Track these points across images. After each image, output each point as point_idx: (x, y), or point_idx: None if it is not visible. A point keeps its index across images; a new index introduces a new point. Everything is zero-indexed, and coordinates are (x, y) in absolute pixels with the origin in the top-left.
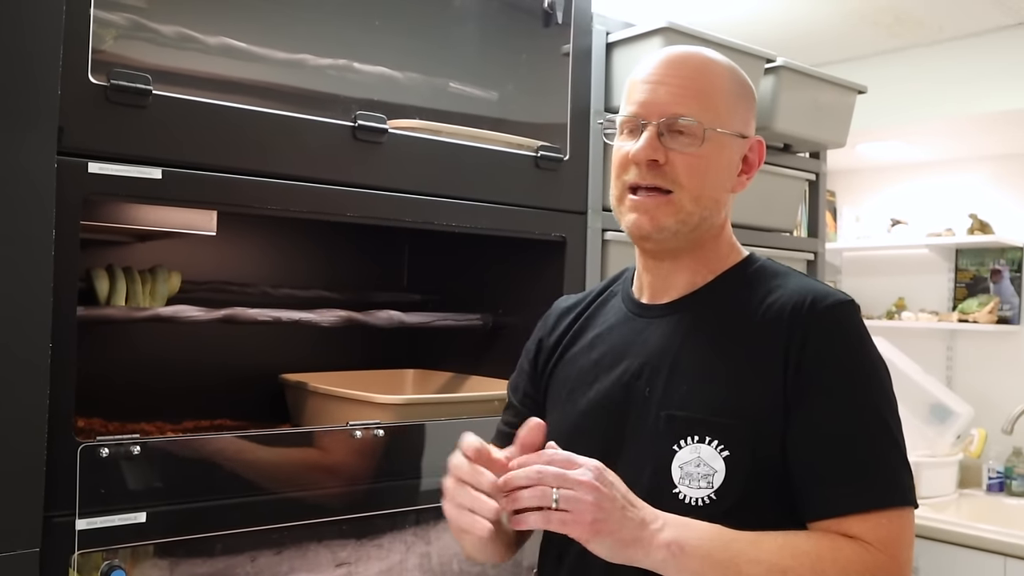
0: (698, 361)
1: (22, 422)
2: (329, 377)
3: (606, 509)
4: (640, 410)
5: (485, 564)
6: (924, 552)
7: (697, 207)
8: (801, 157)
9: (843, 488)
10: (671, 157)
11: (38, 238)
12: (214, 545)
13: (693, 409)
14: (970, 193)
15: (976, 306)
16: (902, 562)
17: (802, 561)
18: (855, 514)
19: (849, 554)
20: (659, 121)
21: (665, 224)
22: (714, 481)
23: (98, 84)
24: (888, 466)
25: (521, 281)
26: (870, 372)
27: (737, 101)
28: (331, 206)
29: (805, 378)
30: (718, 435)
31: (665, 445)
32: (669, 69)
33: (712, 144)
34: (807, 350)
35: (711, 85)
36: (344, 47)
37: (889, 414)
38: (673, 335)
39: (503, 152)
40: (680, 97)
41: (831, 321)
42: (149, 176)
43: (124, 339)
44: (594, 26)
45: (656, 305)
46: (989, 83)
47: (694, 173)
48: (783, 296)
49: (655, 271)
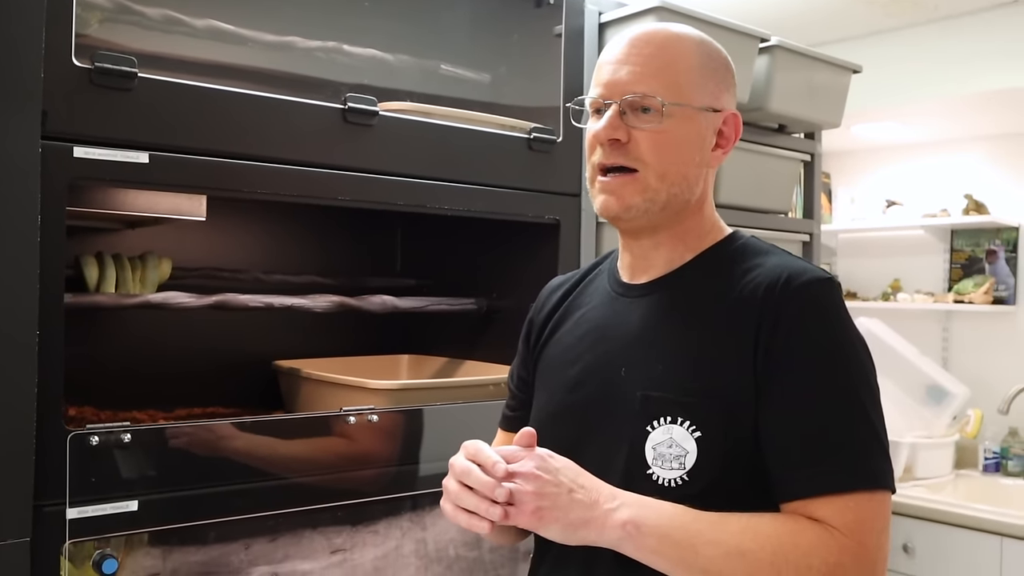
0: (674, 341)
1: (10, 410)
2: (322, 363)
3: (549, 495)
4: (617, 390)
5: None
6: (920, 532)
7: (663, 183)
8: (796, 138)
9: (808, 469)
10: (634, 135)
11: (23, 223)
12: (207, 533)
13: (666, 389)
14: (965, 173)
15: (972, 287)
16: (870, 547)
17: (762, 544)
18: (821, 496)
19: (812, 538)
20: (621, 100)
21: (632, 203)
22: (686, 462)
23: (82, 67)
24: (859, 448)
25: (515, 264)
26: (846, 351)
27: (704, 74)
28: (322, 190)
29: (776, 357)
30: (690, 416)
31: (639, 425)
32: (632, 48)
33: (676, 119)
34: (779, 328)
35: (674, 60)
36: (334, 29)
37: (865, 395)
38: (651, 315)
39: (496, 134)
40: (640, 75)
41: (804, 299)
42: (136, 160)
43: (115, 327)
44: (586, 6)
45: (636, 285)
46: (985, 62)
47: (657, 149)
48: (760, 274)
49: (634, 250)
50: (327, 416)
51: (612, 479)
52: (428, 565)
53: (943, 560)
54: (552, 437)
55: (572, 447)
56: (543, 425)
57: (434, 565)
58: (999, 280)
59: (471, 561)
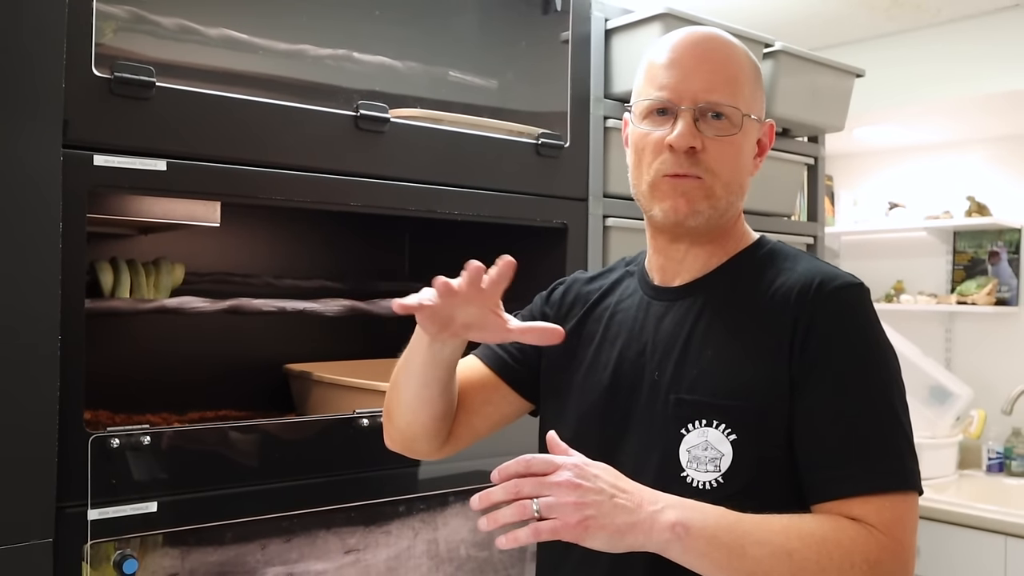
0: (707, 344)
1: (34, 414)
2: (333, 367)
3: (592, 504)
4: (650, 394)
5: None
6: (925, 532)
7: (726, 192)
8: (800, 141)
9: (847, 470)
10: (705, 144)
11: (45, 231)
12: (224, 533)
13: (701, 393)
14: (968, 175)
15: (974, 288)
16: (906, 546)
17: (807, 543)
18: (859, 496)
19: (854, 535)
20: (695, 107)
21: (699, 209)
22: (721, 465)
23: (102, 77)
24: (893, 449)
25: (523, 268)
26: (877, 355)
27: (758, 84)
28: (334, 196)
29: (810, 360)
30: (725, 419)
31: (673, 429)
32: (697, 52)
33: (743, 130)
34: (813, 332)
35: (740, 70)
36: (344, 37)
37: (896, 398)
38: (684, 319)
39: (504, 140)
40: (714, 84)
41: (838, 303)
42: (154, 168)
43: (128, 331)
44: (593, 13)
45: (669, 288)
46: (986, 65)
47: (726, 159)
48: (791, 278)
49: (670, 254)
50: (341, 418)
51: (644, 482)
52: (439, 565)
53: (947, 560)
54: (584, 440)
55: (605, 451)
56: (574, 427)
57: (445, 565)
58: (1002, 281)
59: (481, 561)
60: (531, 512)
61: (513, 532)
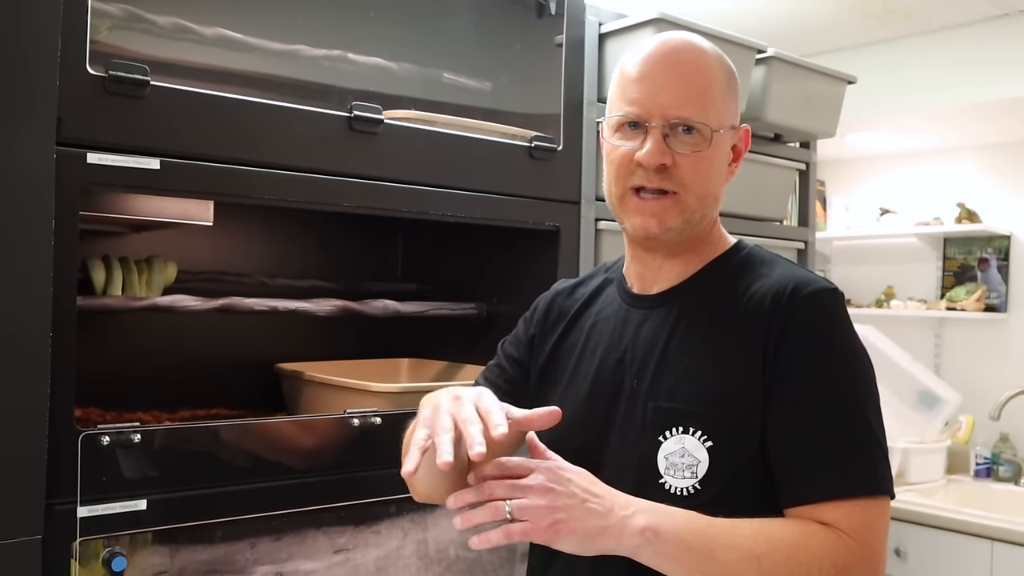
0: (684, 352)
1: (24, 410)
2: (324, 366)
3: (564, 507)
4: (629, 401)
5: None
6: (912, 536)
7: (700, 205)
8: (791, 147)
9: (818, 475)
10: (677, 159)
11: (38, 228)
12: (214, 532)
13: (678, 400)
14: (958, 182)
15: (964, 294)
16: (875, 550)
17: (776, 547)
18: (829, 501)
19: (823, 540)
20: (665, 123)
21: (671, 225)
22: (698, 471)
23: (96, 75)
24: (863, 454)
25: (515, 270)
26: (850, 361)
27: (730, 93)
28: (327, 196)
29: (783, 365)
30: (701, 426)
31: (651, 436)
32: (667, 65)
33: (714, 143)
34: (785, 337)
35: (710, 83)
36: (339, 38)
37: (868, 403)
38: (662, 327)
39: (497, 142)
40: (684, 98)
41: (810, 309)
42: (147, 167)
43: (120, 329)
44: (587, 17)
45: (647, 296)
46: (978, 73)
47: (699, 173)
48: (766, 284)
49: (647, 262)
50: (332, 418)
51: (623, 488)
52: (428, 565)
53: (935, 564)
54: (565, 446)
55: (584, 456)
56: (556, 434)
57: (434, 565)
58: (991, 288)
59: (470, 562)
60: (503, 514)
61: (486, 533)
